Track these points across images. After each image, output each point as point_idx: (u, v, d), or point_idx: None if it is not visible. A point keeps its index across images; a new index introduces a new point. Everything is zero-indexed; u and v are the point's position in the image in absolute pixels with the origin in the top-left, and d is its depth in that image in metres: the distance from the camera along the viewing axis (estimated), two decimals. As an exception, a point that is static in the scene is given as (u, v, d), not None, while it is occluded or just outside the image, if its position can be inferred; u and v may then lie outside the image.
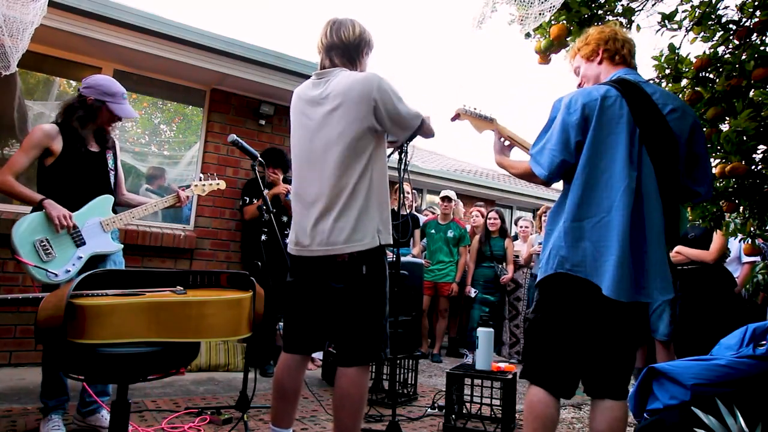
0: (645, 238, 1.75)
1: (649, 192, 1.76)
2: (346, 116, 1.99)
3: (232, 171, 4.65)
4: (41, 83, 4.16)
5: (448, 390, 3.01)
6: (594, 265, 1.76)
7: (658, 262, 1.76)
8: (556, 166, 1.84)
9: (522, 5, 2.21)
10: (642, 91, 1.82)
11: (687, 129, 1.83)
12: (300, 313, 2.12)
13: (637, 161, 1.76)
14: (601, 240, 1.75)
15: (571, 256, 1.79)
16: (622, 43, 1.95)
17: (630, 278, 1.72)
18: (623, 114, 1.78)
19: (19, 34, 2.18)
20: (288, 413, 2.09)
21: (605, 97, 1.79)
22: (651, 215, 1.76)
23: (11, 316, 3.62)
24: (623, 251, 1.71)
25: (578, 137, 1.80)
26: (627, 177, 1.74)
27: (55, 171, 2.53)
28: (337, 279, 2.01)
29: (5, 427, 2.52)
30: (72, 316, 1.40)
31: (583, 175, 1.79)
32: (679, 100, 1.88)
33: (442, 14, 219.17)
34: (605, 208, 1.76)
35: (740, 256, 4.08)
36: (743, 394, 2.15)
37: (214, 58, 4.17)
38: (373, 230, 2.00)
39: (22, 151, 2.50)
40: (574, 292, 1.81)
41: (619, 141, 1.77)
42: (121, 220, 2.67)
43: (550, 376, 1.83)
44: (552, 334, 1.85)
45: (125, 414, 1.57)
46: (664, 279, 1.77)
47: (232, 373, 3.99)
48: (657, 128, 1.78)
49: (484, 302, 5.41)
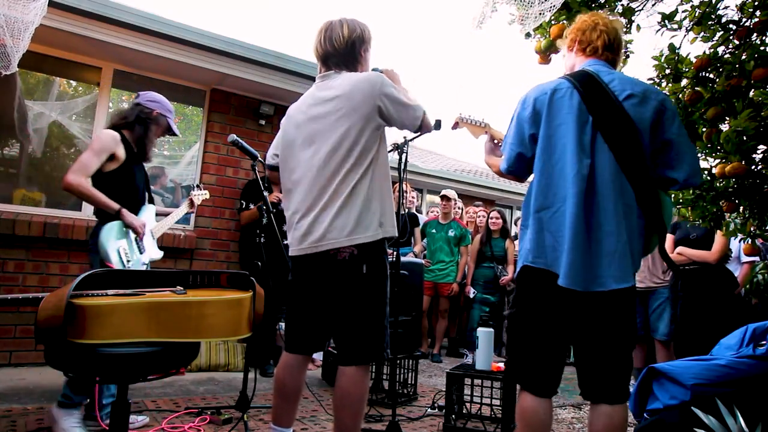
0: (599, 225, 1.73)
1: (603, 180, 1.75)
2: (351, 117, 2.00)
3: (232, 171, 4.65)
4: (41, 83, 4.16)
5: (448, 390, 3.01)
6: (553, 255, 1.78)
7: (614, 251, 1.72)
8: (514, 159, 1.92)
9: (522, 5, 2.21)
10: (596, 81, 1.82)
11: (649, 114, 1.78)
12: (302, 313, 2.13)
13: (590, 149, 1.76)
14: (559, 230, 1.77)
15: (534, 248, 1.82)
16: (598, 33, 1.93)
17: (583, 267, 1.71)
18: (573, 104, 1.80)
19: (19, 34, 2.18)
20: (289, 413, 2.10)
21: (555, 90, 1.84)
22: (605, 202, 1.74)
23: (11, 316, 3.62)
24: (574, 239, 1.71)
25: (531, 130, 1.86)
26: (577, 164, 1.74)
27: (116, 177, 2.59)
28: (338, 278, 2.01)
29: (5, 427, 2.52)
30: (72, 316, 1.40)
31: (539, 166, 1.84)
32: (642, 86, 1.84)
33: (442, 14, 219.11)
34: (560, 197, 1.78)
35: (740, 256, 4.08)
36: (743, 394, 2.15)
37: (214, 58, 4.17)
38: (375, 223, 2.00)
39: (94, 154, 2.53)
40: (541, 285, 1.81)
41: (568, 130, 1.79)
42: (160, 229, 2.86)
43: (530, 374, 1.81)
44: (525, 329, 1.85)
45: (125, 414, 1.57)
46: (620, 268, 1.71)
47: (232, 373, 3.99)
48: (611, 115, 1.77)
49: (484, 302, 5.41)
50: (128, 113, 2.72)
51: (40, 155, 4.13)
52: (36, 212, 3.87)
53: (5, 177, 4.02)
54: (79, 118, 4.25)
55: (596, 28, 1.94)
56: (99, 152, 2.52)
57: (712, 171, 2.40)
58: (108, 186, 2.56)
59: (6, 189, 3.94)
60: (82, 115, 4.25)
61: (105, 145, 2.54)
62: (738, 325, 2.64)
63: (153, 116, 2.74)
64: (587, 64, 1.92)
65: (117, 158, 2.58)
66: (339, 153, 2.00)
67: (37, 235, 3.67)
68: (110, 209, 2.51)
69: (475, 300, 5.45)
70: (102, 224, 2.54)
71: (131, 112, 2.72)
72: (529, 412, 1.78)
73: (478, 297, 5.45)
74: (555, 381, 1.83)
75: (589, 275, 1.72)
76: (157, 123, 2.76)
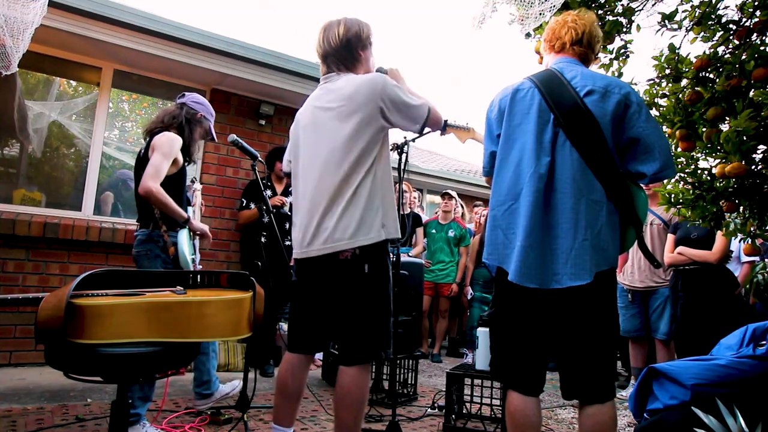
0: (557, 223, 1.73)
1: (563, 177, 1.74)
2: (353, 119, 2.01)
3: (232, 171, 4.65)
4: (41, 83, 4.16)
5: (448, 390, 3.01)
6: (504, 252, 1.80)
7: (571, 248, 1.70)
8: (488, 159, 1.97)
9: (522, 5, 2.21)
10: (558, 78, 1.82)
11: (611, 109, 1.75)
12: (305, 313, 2.14)
13: (550, 147, 1.77)
14: (510, 227, 1.79)
15: (488, 245, 1.86)
16: (566, 30, 1.93)
17: (538, 264, 1.71)
18: (533, 103, 1.82)
19: (19, 34, 2.18)
20: (290, 412, 2.11)
21: (517, 90, 1.88)
22: (563, 201, 1.73)
23: (11, 316, 3.62)
24: (528, 237, 1.72)
25: (498, 130, 1.91)
26: (535, 163, 1.76)
27: (175, 181, 2.57)
28: (340, 278, 2.02)
29: (5, 427, 2.52)
30: (72, 316, 1.40)
31: (497, 165, 1.88)
32: (605, 81, 1.80)
33: (442, 14, 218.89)
34: (513, 195, 1.80)
35: (740, 256, 4.08)
36: (743, 394, 2.15)
37: (214, 58, 4.17)
38: (378, 225, 2.01)
39: (166, 159, 2.48)
40: (502, 282, 1.83)
41: (527, 129, 1.81)
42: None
43: (512, 372, 1.81)
44: (501, 327, 1.88)
45: (125, 414, 1.57)
46: (576, 265, 1.69)
47: (232, 373, 3.99)
48: (571, 112, 1.76)
49: (484, 302, 5.41)
50: (176, 113, 2.68)
51: (40, 155, 4.13)
52: (36, 212, 3.87)
53: (5, 177, 4.02)
54: (79, 118, 4.25)
55: (565, 25, 1.95)
56: (169, 156, 2.48)
57: (712, 171, 2.40)
58: (169, 190, 2.50)
59: (6, 189, 3.94)
60: (82, 115, 4.25)
61: (175, 149, 2.50)
62: (738, 325, 2.63)
63: (197, 118, 2.72)
64: (555, 61, 1.94)
65: (177, 162, 2.55)
66: (341, 155, 2.01)
67: (37, 235, 3.67)
68: (181, 218, 2.51)
69: (475, 299, 5.45)
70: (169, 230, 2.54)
71: (179, 112, 2.68)
72: (517, 412, 1.78)
73: (478, 296, 5.44)
74: (539, 378, 1.81)
75: (546, 272, 1.72)
76: (201, 125, 2.74)
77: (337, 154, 2.02)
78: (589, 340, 1.74)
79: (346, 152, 2.01)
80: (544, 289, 1.73)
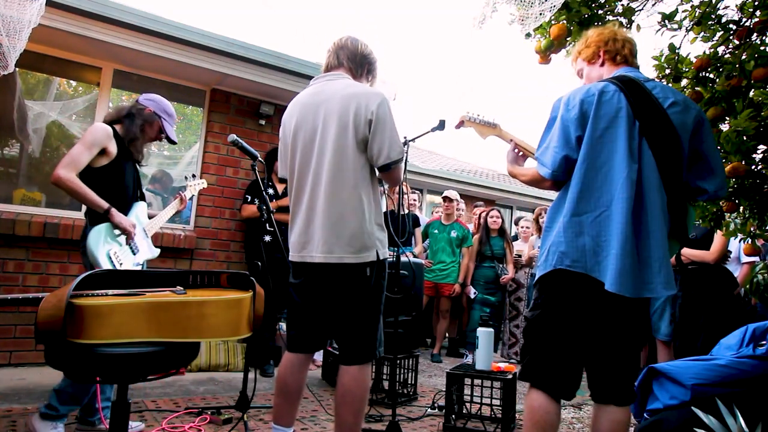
0: (648, 232, 1.72)
1: (650, 185, 1.74)
2: (346, 126, 2.02)
3: (232, 171, 4.65)
4: (41, 83, 4.16)
5: (448, 390, 3.01)
6: (594, 260, 1.74)
7: (662, 256, 1.72)
8: (559, 162, 1.83)
9: (522, 5, 2.21)
10: (640, 86, 1.81)
11: (690, 123, 1.81)
12: (304, 313, 2.15)
13: (637, 154, 1.75)
14: (601, 234, 1.73)
15: (570, 252, 1.77)
16: (622, 43, 1.94)
17: (633, 272, 1.69)
18: (622, 107, 1.76)
19: (16, 34, 2.17)
20: (290, 412, 2.12)
21: (603, 92, 1.79)
22: (653, 208, 1.73)
23: (11, 316, 3.62)
24: (625, 245, 1.68)
25: (578, 132, 1.79)
26: (627, 168, 1.72)
27: (105, 173, 2.50)
28: (341, 280, 2.04)
29: (5, 427, 2.52)
30: (72, 316, 1.40)
31: (582, 169, 1.78)
32: (681, 95, 1.86)
33: (443, 16, 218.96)
34: (605, 202, 1.75)
35: (740, 256, 4.08)
36: (743, 394, 2.15)
37: (214, 58, 4.17)
38: (371, 243, 2.04)
39: (85, 148, 2.43)
40: (575, 289, 1.79)
41: (618, 134, 1.76)
42: (153, 226, 2.76)
43: (551, 377, 1.80)
44: (552, 332, 1.82)
45: (125, 414, 1.57)
46: (668, 274, 1.73)
47: (232, 373, 3.99)
48: (657, 121, 1.76)
49: (485, 302, 5.41)
50: (123, 108, 2.66)
51: (40, 155, 4.13)
52: (36, 212, 3.87)
53: (5, 177, 4.02)
54: (79, 118, 4.25)
55: (617, 38, 1.95)
56: (90, 146, 2.43)
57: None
58: (97, 182, 2.45)
59: (6, 189, 3.94)
60: (82, 115, 4.24)
61: (97, 138, 2.44)
62: (738, 325, 2.63)
63: (144, 113, 2.64)
64: (622, 71, 1.90)
65: (108, 153, 2.48)
66: (332, 163, 2.02)
67: (37, 235, 3.67)
68: (99, 208, 2.41)
69: (476, 300, 5.45)
70: (91, 225, 2.43)
71: (127, 107, 2.66)
72: (540, 412, 1.77)
73: (479, 297, 5.44)
74: (577, 385, 1.83)
75: (639, 281, 1.71)
76: (149, 121, 2.65)
77: (332, 158, 2.03)
78: (633, 344, 1.82)
79: (338, 157, 2.02)
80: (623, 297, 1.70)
